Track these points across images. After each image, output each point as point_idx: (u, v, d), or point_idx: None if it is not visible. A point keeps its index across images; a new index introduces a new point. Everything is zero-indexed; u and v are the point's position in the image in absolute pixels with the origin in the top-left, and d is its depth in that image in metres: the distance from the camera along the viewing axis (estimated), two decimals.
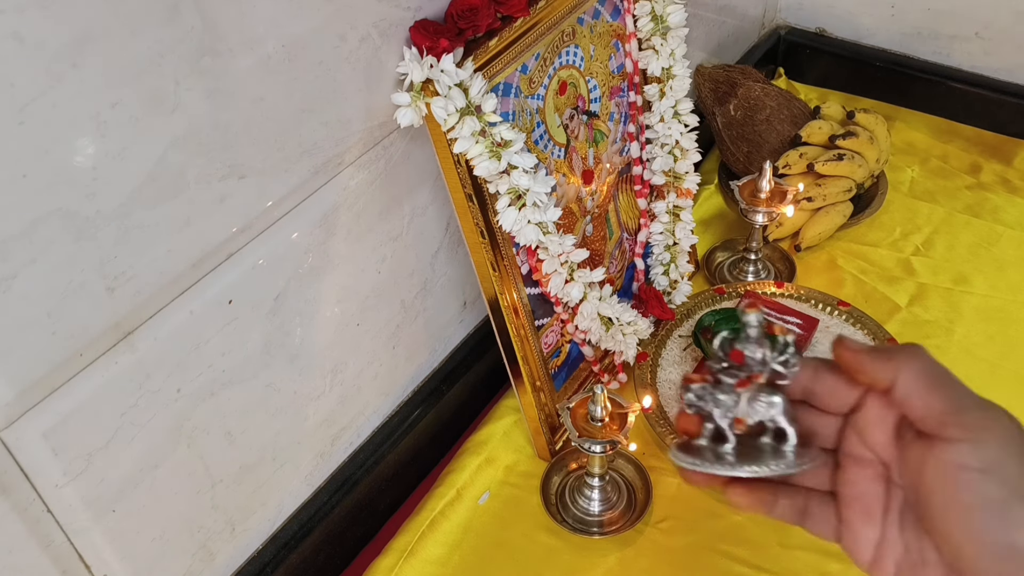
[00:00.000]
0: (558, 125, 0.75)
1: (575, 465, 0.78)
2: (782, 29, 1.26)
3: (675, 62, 0.82)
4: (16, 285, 0.44)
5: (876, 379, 0.42)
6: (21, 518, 0.49)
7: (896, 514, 0.43)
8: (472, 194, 0.66)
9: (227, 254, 0.56)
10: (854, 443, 0.44)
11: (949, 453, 0.39)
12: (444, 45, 0.61)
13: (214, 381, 0.58)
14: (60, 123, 0.43)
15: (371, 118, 0.63)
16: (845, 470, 0.44)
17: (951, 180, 1.07)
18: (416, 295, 0.75)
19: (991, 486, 0.38)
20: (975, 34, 1.12)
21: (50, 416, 0.48)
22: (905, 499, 0.43)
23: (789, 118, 1.01)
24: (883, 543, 0.43)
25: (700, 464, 0.43)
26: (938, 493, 0.39)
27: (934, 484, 0.40)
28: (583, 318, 0.76)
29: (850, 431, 0.44)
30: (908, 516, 0.42)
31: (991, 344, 0.87)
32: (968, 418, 0.39)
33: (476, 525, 0.74)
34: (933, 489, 0.40)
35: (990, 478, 0.38)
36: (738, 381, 0.43)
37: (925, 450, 0.40)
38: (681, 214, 0.88)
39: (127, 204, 0.48)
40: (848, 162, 0.96)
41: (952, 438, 0.39)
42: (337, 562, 0.74)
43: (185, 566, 0.62)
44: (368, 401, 0.74)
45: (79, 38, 0.43)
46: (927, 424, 0.40)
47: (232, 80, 0.51)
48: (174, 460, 0.57)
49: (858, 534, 0.44)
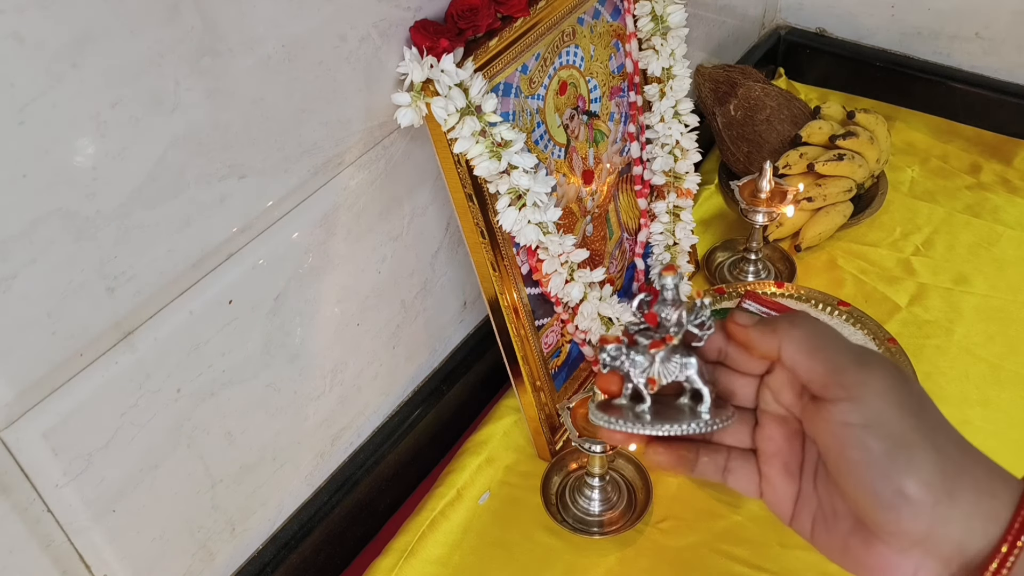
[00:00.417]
0: (558, 125, 0.75)
1: (575, 465, 0.78)
2: (782, 29, 1.26)
3: (675, 62, 0.82)
4: (16, 285, 0.44)
5: (764, 352, 0.44)
6: (21, 518, 0.49)
7: (811, 469, 0.44)
8: (472, 194, 0.66)
9: (227, 254, 0.56)
10: (769, 401, 0.46)
11: (833, 413, 0.41)
12: (444, 45, 0.61)
13: (214, 381, 0.58)
14: (60, 123, 0.43)
15: (371, 118, 0.63)
16: (763, 427, 0.46)
17: (951, 180, 1.07)
18: (416, 295, 0.75)
19: (873, 440, 0.40)
20: (975, 34, 1.12)
21: (50, 416, 0.48)
22: (818, 454, 0.44)
23: (789, 118, 1.01)
24: (800, 498, 0.45)
25: (615, 422, 0.44)
26: (831, 450, 0.41)
27: (826, 442, 0.41)
28: (583, 318, 0.76)
29: (765, 390, 0.46)
30: (820, 471, 0.44)
31: (991, 344, 0.87)
32: (846, 378, 0.41)
33: (476, 525, 0.74)
34: (827, 447, 0.42)
35: (872, 432, 0.40)
36: (652, 342, 0.45)
37: (816, 411, 0.42)
38: (681, 214, 0.88)
39: (127, 204, 0.48)
40: (848, 162, 0.96)
41: (834, 398, 0.41)
42: (337, 562, 0.74)
43: (185, 566, 0.62)
44: (368, 401, 0.74)
45: (79, 38, 0.43)
46: (813, 387, 0.42)
47: (232, 80, 0.51)
48: (174, 460, 0.57)
49: (778, 489, 0.45)
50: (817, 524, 0.44)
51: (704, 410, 0.45)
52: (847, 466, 0.40)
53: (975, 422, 0.79)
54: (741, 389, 0.47)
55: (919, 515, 0.39)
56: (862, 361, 0.41)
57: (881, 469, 0.39)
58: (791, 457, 0.45)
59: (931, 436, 0.40)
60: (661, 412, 0.45)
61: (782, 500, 0.45)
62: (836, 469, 0.41)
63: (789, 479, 0.45)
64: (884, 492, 0.39)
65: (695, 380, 0.45)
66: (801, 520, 0.45)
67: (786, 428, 0.45)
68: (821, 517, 0.44)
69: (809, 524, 0.44)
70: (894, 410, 0.40)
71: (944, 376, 0.84)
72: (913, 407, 0.41)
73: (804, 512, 0.45)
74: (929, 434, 0.40)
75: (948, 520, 0.39)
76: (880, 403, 0.40)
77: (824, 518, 0.44)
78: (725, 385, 0.47)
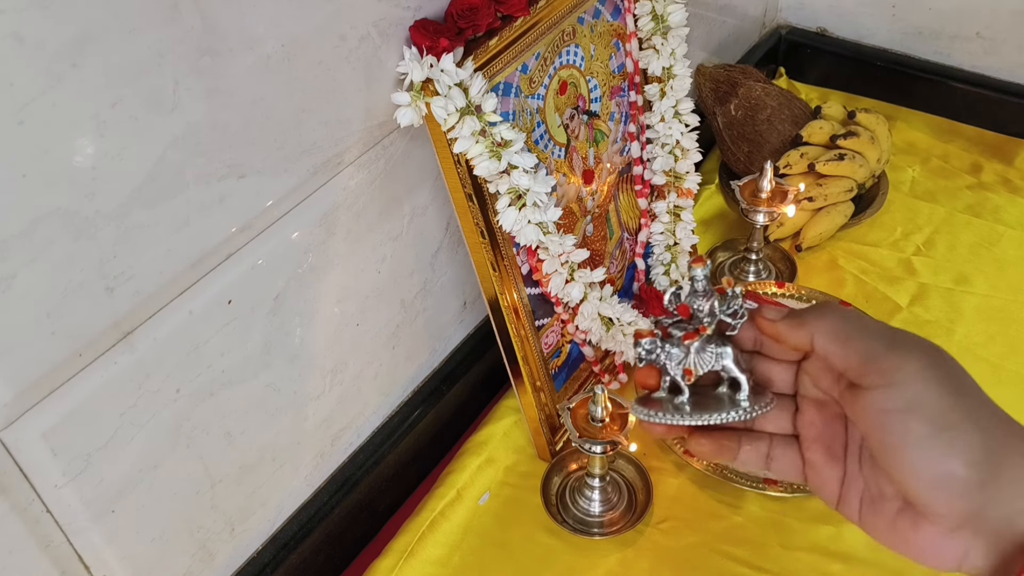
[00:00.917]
0: (558, 125, 0.75)
1: (575, 466, 0.78)
2: (783, 29, 1.26)
3: (676, 62, 0.82)
4: (16, 285, 0.44)
5: (796, 344, 0.44)
6: (20, 518, 0.49)
7: (856, 451, 0.44)
8: (472, 194, 0.66)
9: (227, 254, 0.56)
10: (808, 387, 0.46)
11: (872, 399, 0.41)
12: (444, 45, 0.61)
13: (213, 381, 0.58)
14: (60, 123, 0.43)
15: (371, 118, 0.63)
16: (804, 412, 0.46)
17: (952, 180, 1.07)
18: (416, 295, 0.75)
19: (916, 423, 0.40)
20: (976, 34, 1.12)
21: (49, 416, 0.48)
22: (861, 437, 0.44)
23: (790, 118, 1.00)
24: (846, 480, 0.45)
25: (656, 415, 0.45)
26: (873, 436, 0.41)
27: (868, 428, 0.42)
28: (583, 318, 0.76)
29: (803, 376, 0.46)
30: (865, 453, 0.44)
31: (992, 344, 0.87)
32: (882, 364, 0.41)
33: (476, 526, 0.74)
34: (869, 433, 0.42)
35: (913, 416, 0.40)
36: (685, 333, 0.45)
37: (855, 398, 0.42)
38: (682, 214, 0.88)
39: (127, 204, 0.48)
40: (849, 162, 0.96)
41: (872, 385, 0.41)
42: (337, 562, 0.74)
43: (184, 566, 0.62)
44: (368, 401, 0.74)
45: (79, 38, 0.42)
46: (850, 375, 0.42)
47: (232, 80, 0.51)
48: (173, 460, 0.57)
49: (822, 473, 0.45)
50: (864, 505, 0.44)
51: (743, 398, 0.45)
52: (891, 450, 0.40)
53: None
54: (779, 376, 0.47)
55: (966, 495, 0.39)
56: (896, 345, 0.41)
57: (926, 452, 0.39)
58: (833, 440, 0.45)
59: (974, 415, 0.40)
60: (700, 403, 0.45)
61: (827, 483, 0.45)
62: (880, 453, 0.41)
63: (833, 462, 0.45)
64: (930, 474, 0.39)
65: (731, 369, 0.45)
66: (848, 502, 0.45)
67: (826, 412, 0.45)
68: (868, 498, 0.44)
69: (856, 506, 0.44)
70: (934, 392, 0.40)
71: None
72: (953, 387, 0.40)
73: (851, 494, 0.44)
74: (971, 413, 0.40)
75: (996, 499, 0.39)
76: (919, 386, 0.40)
77: (871, 499, 0.44)
78: (763, 372, 0.47)
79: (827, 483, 0.45)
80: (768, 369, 0.47)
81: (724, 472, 0.75)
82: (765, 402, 0.45)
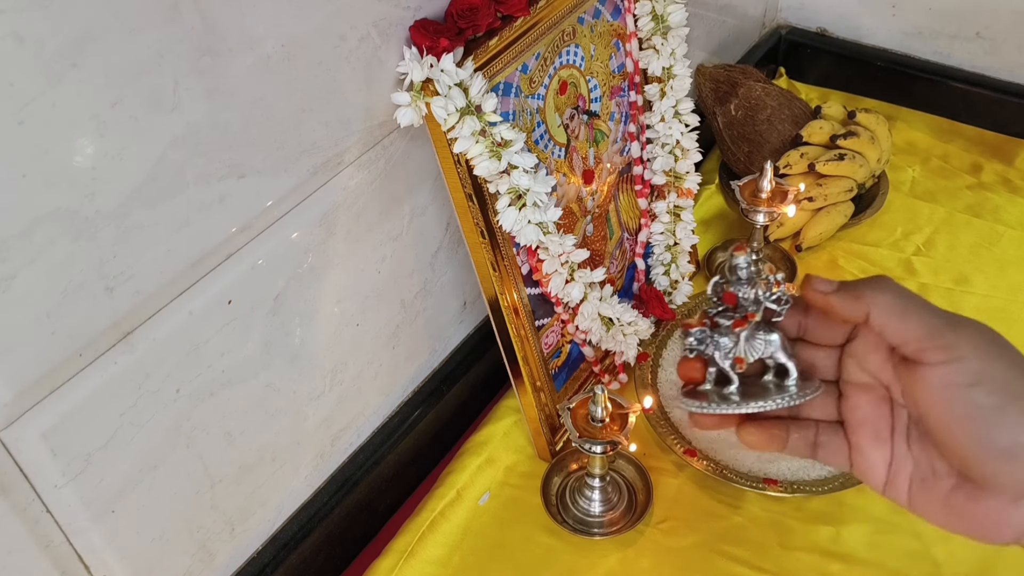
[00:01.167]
0: (558, 125, 0.75)
1: (575, 466, 0.78)
2: (783, 29, 1.26)
3: (676, 62, 0.82)
4: (16, 285, 0.44)
5: (850, 316, 0.44)
6: (20, 518, 0.49)
7: (903, 432, 0.45)
8: (472, 194, 0.66)
9: (227, 254, 0.56)
10: (854, 370, 0.46)
11: (935, 375, 0.42)
12: (444, 45, 0.61)
13: (213, 381, 0.58)
14: (60, 123, 0.43)
15: (371, 118, 0.63)
16: (849, 397, 0.46)
17: (952, 180, 1.07)
18: (416, 295, 0.75)
19: (982, 396, 0.40)
20: (976, 34, 1.12)
21: (49, 416, 0.48)
22: (909, 416, 0.45)
23: (790, 118, 1.00)
24: (894, 462, 0.45)
25: (707, 407, 0.45)
26: (934, 410, 0.42)
27: (929, 403, 0.42)
28: (584, 318, 0.75)
29: (848, 360, 0.46)
30: (914, 432, 0.44)
31: None
32: (944, 340, 0.42)
33: (476, 526, 0.74)
34: (929, 408, 0.42)
35: (980, 389, 0.41)
36: (734, 321, 0.45)
37: (913, 373, 0.42)
38: (682, 214, 0.88)
39: (126, 204, 0.48)
40: (849, 162, 0.96)
41: (934, 361, 0.42)
42: (337, 562, 0.74)
43: (184, 566, 0.62)
44: (368, 401, 0.74)
45: (79, 38, 0.42)
46: (908, 350, 0.43)
47: (232, 80, 0.51)
48: (173, 460, 0.57)
49: (869, 457, 0.46)
50: (914, 485, 0.45)
51: (791, 384, 0.45)
52: (957, 425, 0.41)
53: None
54: (822, 362, 0.47)
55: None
56: (954, 322, 0.42)
57: (994, 424, 0.40)
58: (880, 423, 0.45)
59: None
60: (748, 392, 0.46)
61: (874, 467, 0.46)
62: (942, 429, 0.42)
63: (880, 445, 0.45)
64: (1000, 445, 0.40)
65: (779, 356, 0.45)
66: (896, 485, 0.45)
67: (872, 395, 0.46)
68: (918, 478, 0.44)
69: (905, 487, 0.45)
70: (997, 366, 0.41)
71: None
72: (1015, 360, 0.41)
73: (899, 476, 0.45)
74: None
75: None
76: (982, 361, 0.41)
77: (922, 479, 0.44)
78: (805, 359, 0.47)
79: (873, 467, 0.46)
80: (811, 355, 0.48)
81: (724, 472, 0.75)
82: (814, 387, 0.45)
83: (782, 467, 0.75)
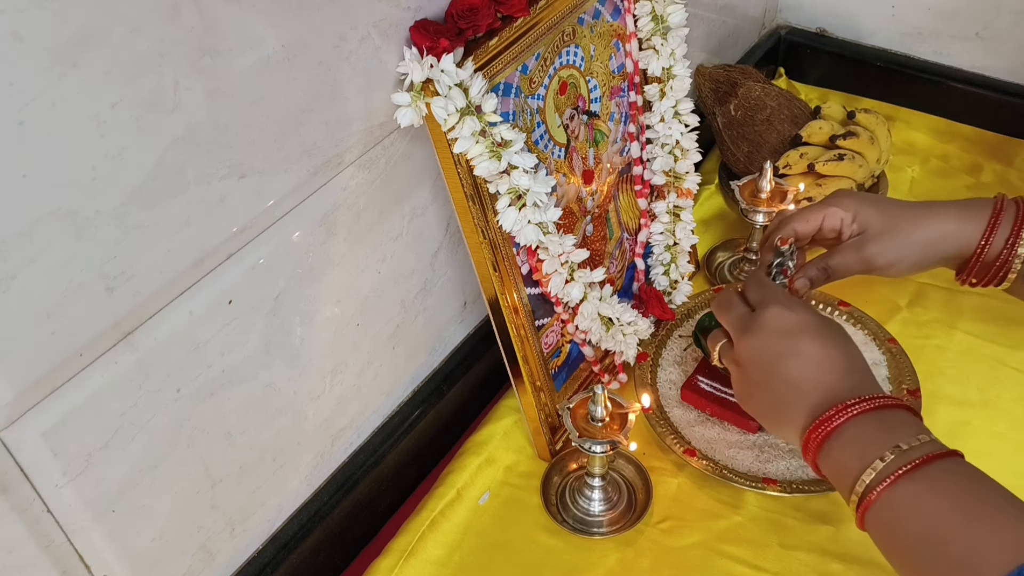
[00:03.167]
0: (558, 125, 0.75)
1: (575, 465, 0.78)
2: (782, 29, 1.26)
3: (675, 62, 0.82)
4: (16, 285, 0.44)
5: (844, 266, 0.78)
6: (21, 518, 0.49)
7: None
8: (472, 194, 0.66)
9: (227, 254, 0.56)
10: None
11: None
12: (444, 45, 0.61)
13: (214, 381, 0.58)
14: (60, 123, 0.43)
15: (371, 118, 0.63)
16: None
17: (952, 180, 1.07)
18: (416, 295, 0.75)
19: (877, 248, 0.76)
20: (976, 34, 1.12)
21: (50, 416, 0.48)
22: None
23: (789, 118, 1.00)
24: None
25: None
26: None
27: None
28: (583, 318, 0.76)
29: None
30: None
31: (991, 344, 0.86)
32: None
33: (476, 525, 0.74)
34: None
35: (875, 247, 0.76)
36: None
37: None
38: (681, 214, 0.88)
39: (127, 204, 0.48)
40: (849, 162, 0.96)
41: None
42: (337, 562, 0.74)
43: (185, 566, 0.62)
44: (368, 401, 0.74)
45: (79, 38, 0.43)
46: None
47: (232, 80, 0.51)
48: (174, 460, 0.57)
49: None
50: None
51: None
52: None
53: (975, 422, 0.79)
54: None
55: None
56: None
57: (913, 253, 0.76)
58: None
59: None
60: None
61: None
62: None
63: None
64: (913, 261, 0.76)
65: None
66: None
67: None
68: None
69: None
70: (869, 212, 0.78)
71: (944, 376, 0.84)
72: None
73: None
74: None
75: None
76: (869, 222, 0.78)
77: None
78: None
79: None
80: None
81: (723, 472, 0.75)
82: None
83: (781, 466, 0.75)
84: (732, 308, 0.67)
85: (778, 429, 0.64)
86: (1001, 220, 0.72)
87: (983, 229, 0.72)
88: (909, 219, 0.74)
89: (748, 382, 0.65)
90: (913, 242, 0.74)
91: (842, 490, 0.58)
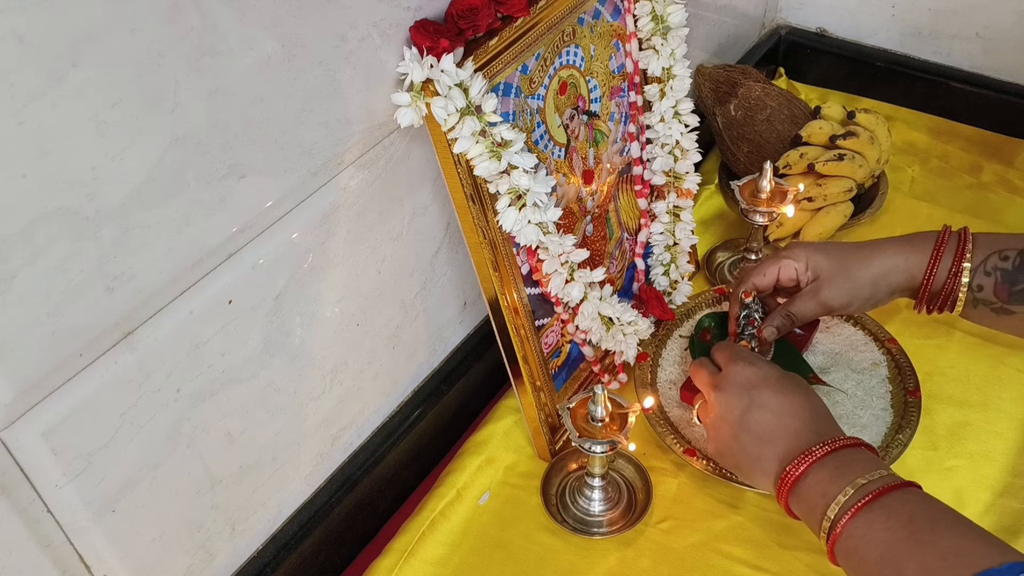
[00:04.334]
0: (558, 125, 0.75)
1: (575, 465, 0.78)
2: (782, 29, 1.26)
3: (675, 62, 0.82)
4: (16, 285, 0.44)
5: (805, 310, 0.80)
6: (21, 518, 0.49)
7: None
8: (472, 194, 0.66)
9: (227, 254, 0.56)
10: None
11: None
12: (444, 45, 0.61)
13: (214, 381, 0.58)
14: (60, 123, 0.43)
15: (371, 118, 0.63)
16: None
17: (952, 180, 1.07)
18: (416, 295, 0.75)
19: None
20: (976, 34, 1.12)
21: (50, 416, 0.48)
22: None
23: (789, 118, 1.00)
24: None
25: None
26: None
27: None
28: (583, 318, 0.76)
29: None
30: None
31: (991, 344, 0.86)
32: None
33: (476, 525, 0.74)
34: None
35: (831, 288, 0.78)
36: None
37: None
38: (681, 214, 0.88)
39: (127, 204, 0.48)
40: (849, 162, 0.96)
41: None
42: (337, 562, 0.74)
43: (185, 566, 0.62)
44: (368, 401, 0.74)
45: (79, 38, 0.43)
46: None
47: (232, 80, 0.51)
48: (174, 460, 0.57)
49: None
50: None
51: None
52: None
53: (975, 422, 0.79)
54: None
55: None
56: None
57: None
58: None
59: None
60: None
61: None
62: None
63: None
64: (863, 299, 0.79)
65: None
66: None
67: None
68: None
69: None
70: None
71: (944, 376, 0.84)
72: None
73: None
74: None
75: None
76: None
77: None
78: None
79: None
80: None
81: (724, 472, 0.75)
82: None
83: None
84: (704, 369, 0.72)
85: (753, 480, 0.68)
86: (943, 252, 0.74)
87: (927, 261, 0.75)
88: (856, 259, 0.77)
89: (720, 440, 0.69)
90: (863, 281, 0.76)
91: (813, 528, 0.61)
